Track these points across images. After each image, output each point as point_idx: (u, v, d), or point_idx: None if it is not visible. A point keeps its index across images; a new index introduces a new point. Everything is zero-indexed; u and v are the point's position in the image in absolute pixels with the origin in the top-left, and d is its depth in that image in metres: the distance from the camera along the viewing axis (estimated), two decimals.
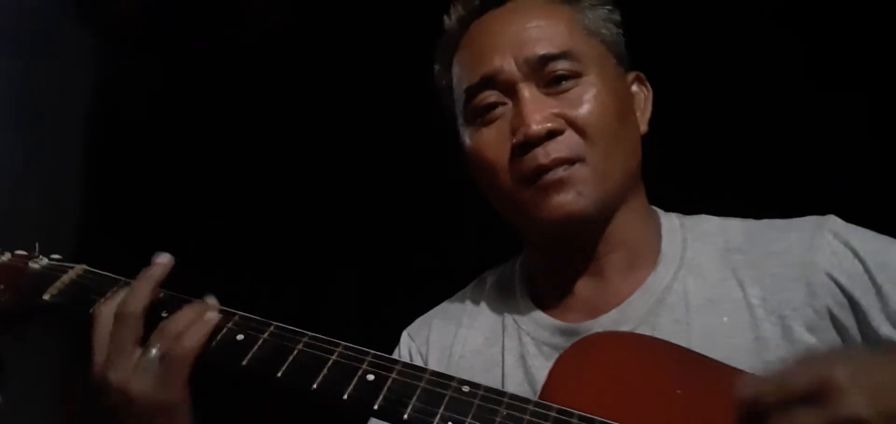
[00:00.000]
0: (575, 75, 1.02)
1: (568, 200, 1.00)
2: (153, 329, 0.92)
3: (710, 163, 1.57)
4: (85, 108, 1.96)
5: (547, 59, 1.02)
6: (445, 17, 1.12)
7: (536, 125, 0.99)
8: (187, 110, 1.94)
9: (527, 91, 1.02)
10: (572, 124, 1.01)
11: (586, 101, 1.02)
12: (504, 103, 1.04)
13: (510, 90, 1.03)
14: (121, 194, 1.92)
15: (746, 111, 1.60)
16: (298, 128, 1.95)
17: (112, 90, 1.95)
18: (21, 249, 1.08)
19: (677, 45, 1.50)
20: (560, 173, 1.00)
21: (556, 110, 1.01)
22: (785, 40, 1.59)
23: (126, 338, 0.91)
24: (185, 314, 0.93)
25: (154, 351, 0.90)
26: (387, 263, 1.85)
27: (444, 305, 1.20)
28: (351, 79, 1.91)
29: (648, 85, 1.13)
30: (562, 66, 1.02)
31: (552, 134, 1.00)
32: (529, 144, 1.00)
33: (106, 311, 0.94)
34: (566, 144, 1.00)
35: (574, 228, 1.02)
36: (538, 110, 1.00)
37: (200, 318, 0.93)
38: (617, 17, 1.10)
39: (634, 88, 1.12)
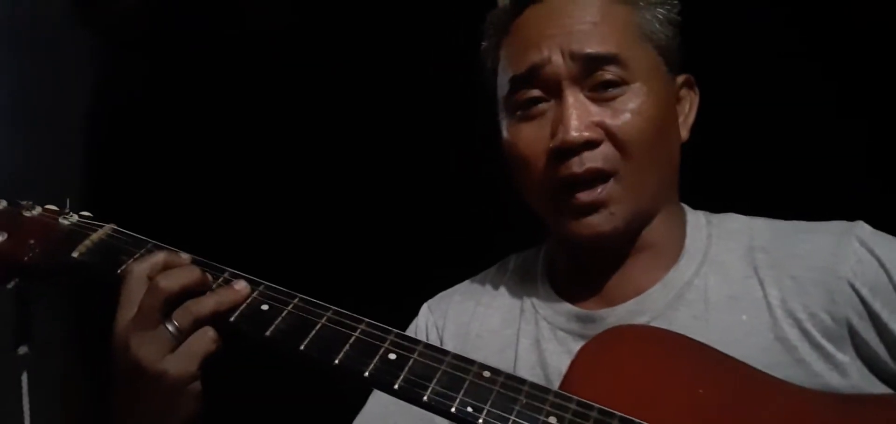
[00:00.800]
0: (622, 83, 1.01)
1: (598, 221, 1.00)
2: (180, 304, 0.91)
3: (736, 165, 1.56)
4: (85, 108, 1.94)
5: (595, 59, 1.01)
6: None
7: (575, 132, 0.98)
8: (188, 110, 1.93)
9: (571, 95, 1.00)
10: (611, 136, 1.00)
11: (629, 112, 1.00)
12: (547, 100, 1.03)
13: (555, 88, 1.02)
14: (121, 194, 1.91)
15: (771, 112, 1.59)
16: (299, 126, 1.95)
17: (112, 90, 1.94)
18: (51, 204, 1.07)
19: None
20: (596, 193, 0.99)
21: (596, 119, 1.00)
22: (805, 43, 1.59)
23: (153, 308, 0.90)
24: (210, 301, 0.92)
25: (171, 328, 0.89)
26: (399, 258, 1.85)
27: (467, 283, 1.21)
28: (351, 77, 1.91)
29: (697, 90, 1.12)
30: (609, 71, 1.00)
31: (590, 144, 0.99)
32: (566, 151, 0.99)
33: (138, 271, 0.93)
34: (602, 155, 1.00)
35: (602, 243, 1.03)
36: (579, 117, 0.99)
37: (226, 305, 0.93)
38: (676, 16, 1.07)
39: (682, 92, 1.10)
